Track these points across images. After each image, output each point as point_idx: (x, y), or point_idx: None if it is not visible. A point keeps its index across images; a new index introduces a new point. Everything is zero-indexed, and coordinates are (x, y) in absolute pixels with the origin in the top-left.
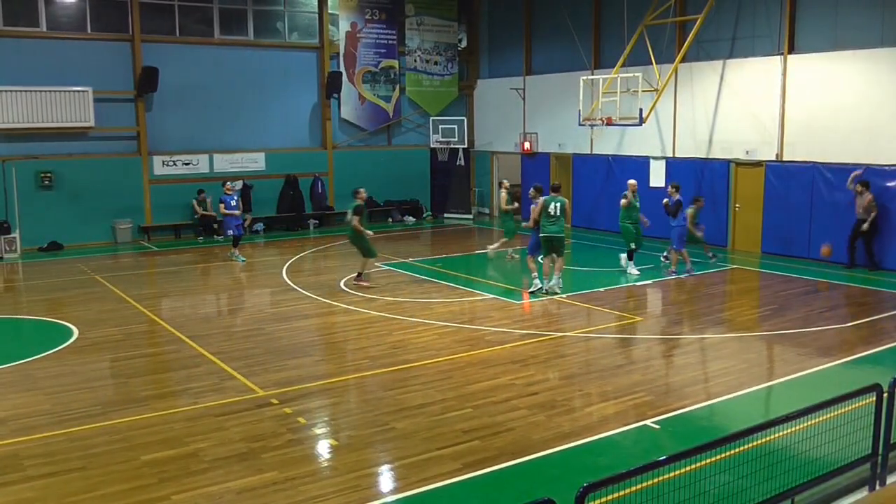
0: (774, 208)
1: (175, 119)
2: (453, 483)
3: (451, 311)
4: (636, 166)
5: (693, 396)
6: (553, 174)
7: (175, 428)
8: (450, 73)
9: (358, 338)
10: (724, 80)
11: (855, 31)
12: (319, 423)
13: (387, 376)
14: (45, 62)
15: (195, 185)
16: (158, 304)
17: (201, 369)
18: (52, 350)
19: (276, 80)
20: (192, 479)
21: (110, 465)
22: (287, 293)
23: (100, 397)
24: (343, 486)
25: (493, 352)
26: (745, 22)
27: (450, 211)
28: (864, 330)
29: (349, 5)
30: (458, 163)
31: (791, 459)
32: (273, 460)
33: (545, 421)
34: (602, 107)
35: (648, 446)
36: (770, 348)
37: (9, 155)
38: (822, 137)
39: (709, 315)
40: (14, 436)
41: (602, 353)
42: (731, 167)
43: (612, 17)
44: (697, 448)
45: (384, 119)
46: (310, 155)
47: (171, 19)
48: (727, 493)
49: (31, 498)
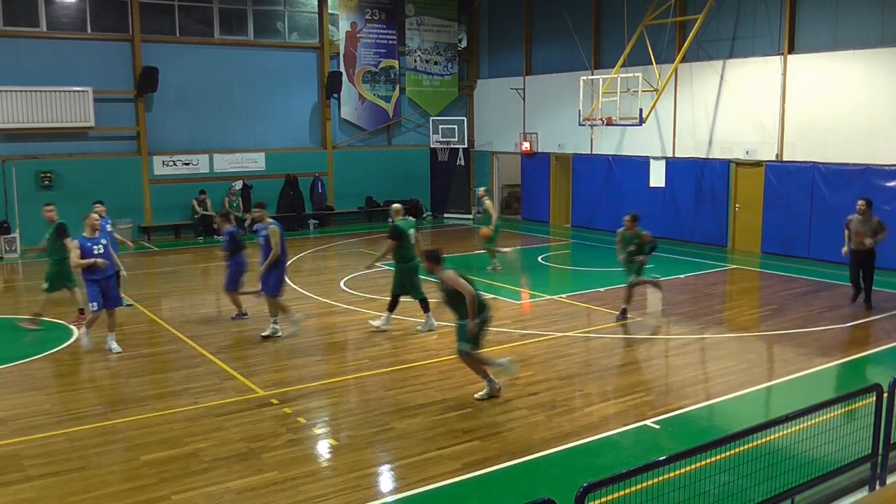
0: (774, 208)
1: (175, 119)
2: (453, 483)
3: None
4: (636, 166)
5: (693, 396)
6: (553, 174)
7: (175, 428)
8: (450, 73)
9: (358, 338)
10: (724, 80)
11: (855, 30)
12: (319, 423)
13: (387, 376)
14: (45, 62)
15: (195, 185)
16: (158, 303)
17: (201, 369)
18: (52, 350)
19: (276, 80)
20: (192, 479)
21: (110, 465)
22: (287, 293)
23: (100, 397)
24: (343, 486)
25: (493, 352)
26: (745, 22)
27: (450, 211)
28: (864, 330)
29: (349, 5)
30: (458, 163)
31: (791, 459)
32: (273, 460)
33: (545, 421)
34: (602, 107)
35: (648, 446)
36: (770, 348)
37: (9, 155)
38: (822, 137)
39: (709, 315)
40: (14, 436)
41: (602, 353)
42: (731, 167)
43: (612, 17)
44: (697, 448)
45: (384, 119)
46: (310, 155)
47: (171, 19)
48: (727, 493)
49: (31, 498)
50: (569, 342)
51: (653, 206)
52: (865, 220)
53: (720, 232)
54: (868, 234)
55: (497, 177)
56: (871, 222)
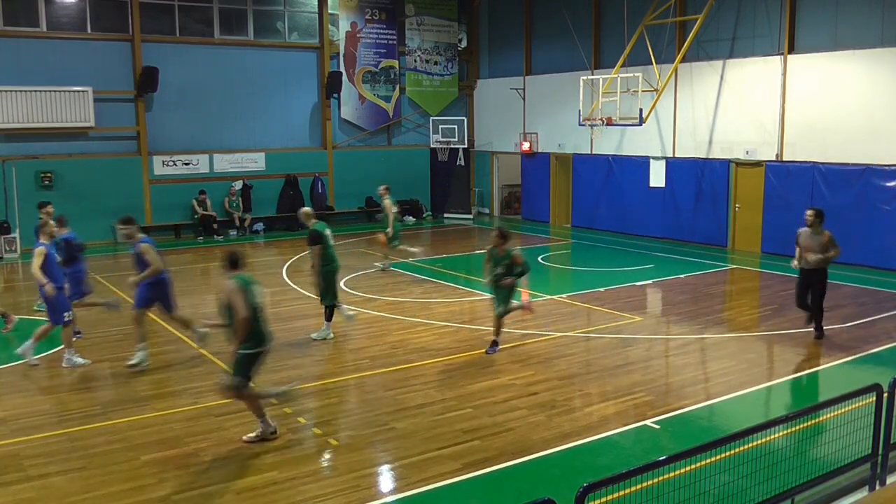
0: (774, 208)
1: (175, 119)
2: (453, 483)
3: (450, 311)
4: (636, 166)
5: (693, 396)
6: (553, 174)
7: (175, 428)
8: (450, 73)
9: (358, 338)
10: (724, 80)
11: (855, 30)
12: (319, 423)
13: (387, 376)
14: (45, 62)
15: (195, 185)
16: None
17: (201, 369)
18: (52, 350)
19: (276, 80)
20: (192, 479)
21: (110, 465)
22: (287, 293)
23: (100, 397)
24: (343, 486)
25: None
26: (745, 22)
27: (450, 211)
28: (864, 330)
29: (349, 5)
30: (458, 163)
31: (791, 459)
32: (273, 460)
33: (545, 421)
34: (602, 107)
35: (648, 446)
36: (770, 348)
37: (9, 155)
38: (822, 137)
39: (709, 315)
40: (14, 436)
41: (602, 353)
42: (731, 167)
43: (612, 17)
44: (697, 448)
45: (384, 119)
46: (310, 155)
47: (171, 19)
48: (727, 493)
49: (31, 498)
50: (569, 342)
51: (653, 206)
52: (814, 234)
53: (720, 232)
54: (814, 251)
55: (497, 177)
56: (821, 237)
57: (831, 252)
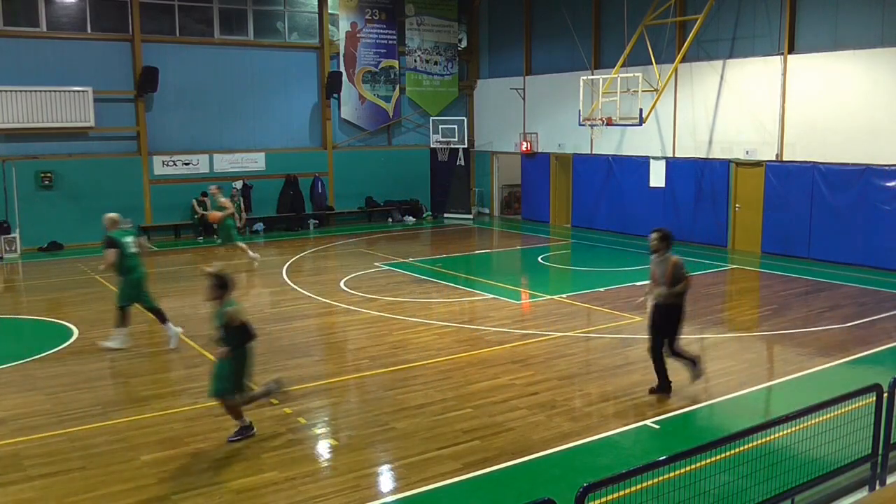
0: (774, 208)
1: (175, 119)
2: (453, 483)
3: (450, 311)
4: (636, 166)
5: (693, 396)
6: (553, 174)
7: (175, 428)
8: (450, 73)
9: (358, 338)
10: (724, 80)
11: (855, 30)
12: (319, 423)
13: (387, 376)
14: (45, 62)
15: (195, 185)
16: (158, 303)
17: (201, 369)
18: (52, 350)
19: (276, 80)
20: (192, 479)
21: (110, 465)
22: (287, 293)
23: (100, 397)
24: (343, 486)
25: (493, 352)
26: (745, 22)
27: (450, 211)
28: (864, 330)
29: (349, 5)
30: (458, 163)
31: (791, 459)
32: (273, 460)
33: (545, 421)
34: (602, 107)
35: (648, 446)
36: (770, 348)
37: (9, 155)
38: (822, 137)
39: (709, 315)
40: (14, 436)
41: (602, 353)
42: (731, 167)
43: (612, 17)
44: (697, 448)
45: (384, 119)
46: (310, 155)
47: (171, 19)
48: (727, 493)
49: (31, 498)
50: (569, 342)
51: (653, 206)
52: (659, 262)
53: (720, 232)
54: (659, 282)
55: (497, 177)
56: (666, 264)
57: (682, 284)
